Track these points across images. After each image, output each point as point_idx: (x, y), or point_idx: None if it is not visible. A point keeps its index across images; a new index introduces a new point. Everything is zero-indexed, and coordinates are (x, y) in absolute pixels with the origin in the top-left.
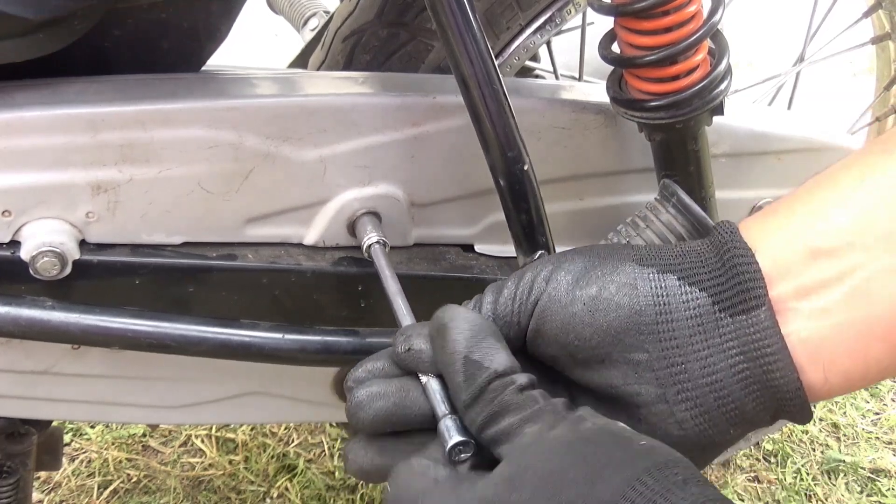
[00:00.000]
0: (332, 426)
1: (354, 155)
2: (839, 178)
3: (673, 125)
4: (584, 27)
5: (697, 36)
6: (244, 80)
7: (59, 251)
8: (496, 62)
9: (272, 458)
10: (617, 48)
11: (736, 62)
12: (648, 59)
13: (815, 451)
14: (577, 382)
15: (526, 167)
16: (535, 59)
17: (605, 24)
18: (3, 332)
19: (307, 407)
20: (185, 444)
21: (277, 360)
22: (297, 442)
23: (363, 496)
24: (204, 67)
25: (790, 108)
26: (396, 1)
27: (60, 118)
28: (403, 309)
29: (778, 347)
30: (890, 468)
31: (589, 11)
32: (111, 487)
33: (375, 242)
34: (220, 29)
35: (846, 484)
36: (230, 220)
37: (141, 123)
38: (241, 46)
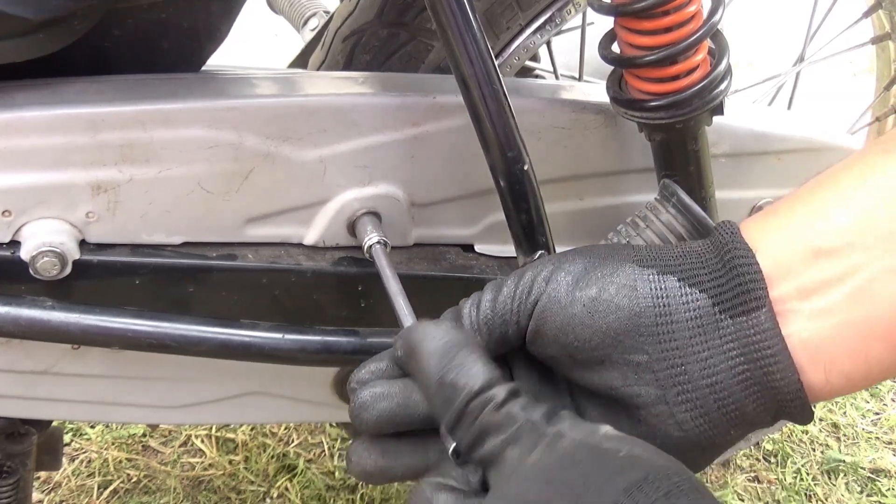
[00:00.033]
0: (332, 426)
1: (354, 155)
2: (840, 177)
3: (673, 125)
4: (584, 27)
5: (697, 36)
6: (244, 80)
7: (59, 251)
8: (496, 62)
9: (272, 458)
10: (617, 48)
11: (736, 62)
12: (648, 59)
13: (815, 451)
14: (576, 383)
15: (526, 167)
16: (535, 59)
17: (605, 24)
18: (3, 332)
19: (307, 407)
20: (185, 444)
21: (277, 360)
22: (297, 442)
23: (363, 496)
24: (204, 67)
25: (790, 108)
26: (396, 1)
27: (60, 118)
28: (405, 309)
29: (778, 349)
30: (890, 468)
31: (589, 11)
32: (111, 487)
33: (377, 242)
34: (220, 29)
35: (846, 484)
36: (230, 220)
37: (141, 123)
38: (241, 46)
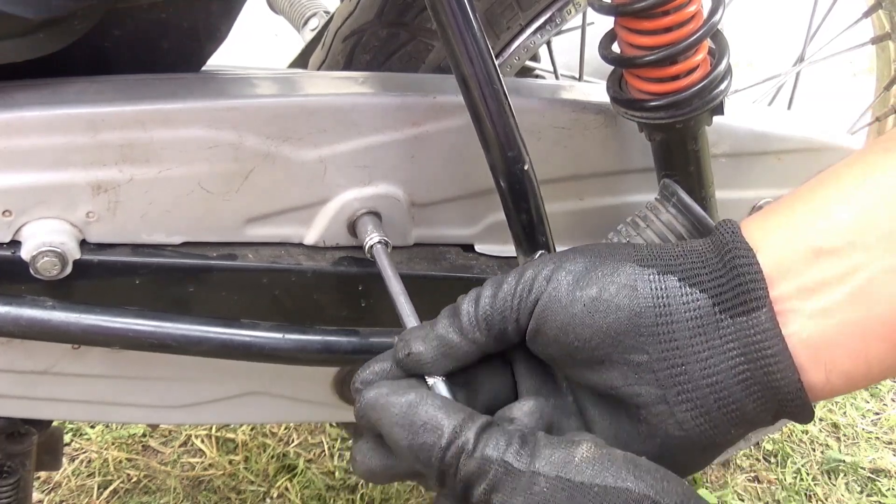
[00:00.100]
0: (332, 426)
1: (354, 155)
2: (841, 177)
3: (673, 125)
4: (584, 27)
5: (697, 36)
6: (244, 80)
7: (59, 251)
8: (496, 62)
9: (272, 458)
10: (617, 48)
11: (736, 62)
12: (648, 59)
13: (815, 451)
14: (577, 381)
15: (526, 167)
16: (535, 59)
17: (605, 24)
18: (3, 332)
19: (307, 407)
20: (185, 444)
21: (277, 360)
22: (297, 442)
23: (363, 496)
24: (204, 67)
25: (790, 108)
26: (396, 1)
27: (60, 118)
28: (407, 309)
29: (779, 349)
30: (890, 468)
31: (589, 11)
32: (111, 487)
33: (378, 242)
34: (220, 29)
35: (846, 484)
36: (230, 220)
37: (141, 123)
38: (241, 46)
